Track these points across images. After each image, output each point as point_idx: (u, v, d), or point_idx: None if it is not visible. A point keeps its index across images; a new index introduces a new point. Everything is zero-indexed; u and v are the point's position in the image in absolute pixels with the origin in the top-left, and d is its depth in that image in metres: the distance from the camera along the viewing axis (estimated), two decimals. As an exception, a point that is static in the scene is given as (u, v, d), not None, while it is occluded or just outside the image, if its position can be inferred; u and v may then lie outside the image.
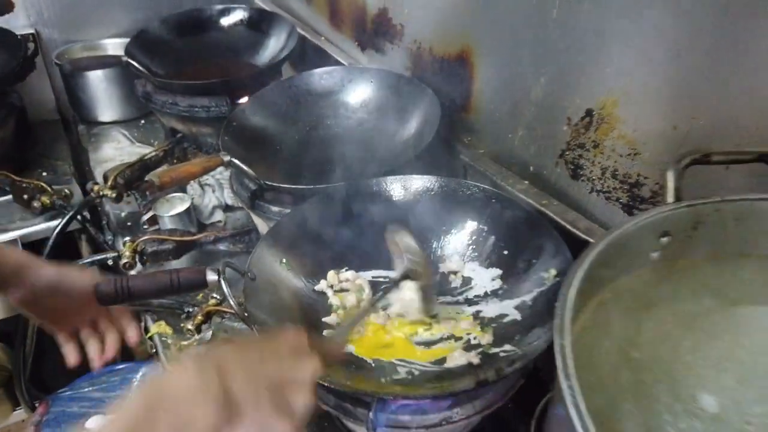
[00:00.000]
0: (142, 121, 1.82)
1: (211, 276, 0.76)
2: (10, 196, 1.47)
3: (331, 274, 0.96)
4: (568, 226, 0.93)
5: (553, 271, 0.84)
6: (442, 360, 0.82)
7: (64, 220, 1.31)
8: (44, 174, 1.62)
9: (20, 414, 1.71)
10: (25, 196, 1.43)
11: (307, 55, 1.68)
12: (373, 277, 0.98)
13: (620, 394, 0.45)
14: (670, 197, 0.54)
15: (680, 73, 0.77)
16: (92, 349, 0.92)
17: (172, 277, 0.76)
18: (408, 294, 0.86)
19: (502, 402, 0.79)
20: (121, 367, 1.59)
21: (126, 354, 1.80)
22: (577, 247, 0.89)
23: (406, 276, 0.83)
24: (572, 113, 0.94)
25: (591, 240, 0.88)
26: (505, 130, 1.10)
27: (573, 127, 0.95)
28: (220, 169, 1.31)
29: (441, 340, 0.86)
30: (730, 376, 0.46)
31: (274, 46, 1.64)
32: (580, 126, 0.93)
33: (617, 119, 0.87)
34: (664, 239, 0.53)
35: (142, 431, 0.47)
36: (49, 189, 1.44)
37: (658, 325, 0.51)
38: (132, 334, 0.94)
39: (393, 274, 0.89)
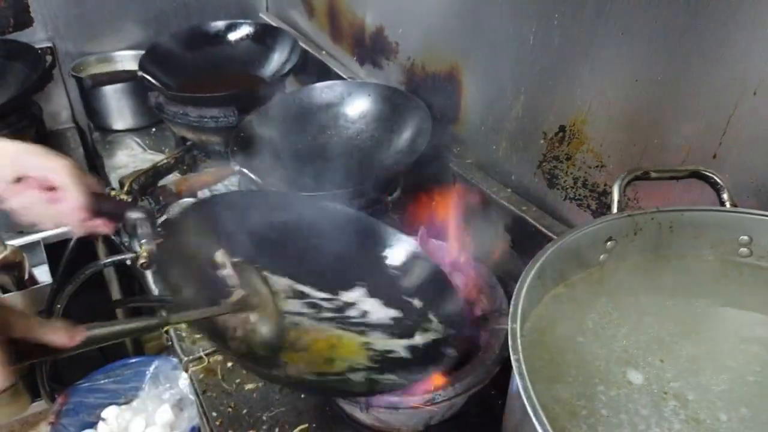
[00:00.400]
0: (153, 129, 1.93)
1: (135, 214, 0.86)
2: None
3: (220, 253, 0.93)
4: (545, 230, 1.03)
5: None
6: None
7: (85, 224, 1.41)
8: (62, 180, 1.72)
9: (39, 405, 1.81)
10: (47, 201, 1.53)
11: (309, 68, 1.79)
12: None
13: (564, 369, 0.55)
14: (614, 208, 0.65)
15: (637, 97, 0.87)
16: None
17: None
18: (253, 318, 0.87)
19: (480, 386, 0.89)
20: (134, 360, 1.70)
21: (139, 348, 1.91)
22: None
23: (242, 306, 0.84)
24: (548, 129, 1.05)
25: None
26: (490, 141, 1.21)
27: (548, 141, 1.06)
28: (229, 176, 1.42)
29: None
30: (655, 356, 0.57)
31: (278, 59, 1.74)
32: (554, 140, 1.04)
33: (586, 135, 0.98)
34: (609, 243, 0.64)
35: None
36: (69, 194, 1.54)
37: (601, 315, 0.61)
38: None
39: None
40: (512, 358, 0.47)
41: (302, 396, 1.05)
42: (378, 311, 0.97)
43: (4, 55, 1.72)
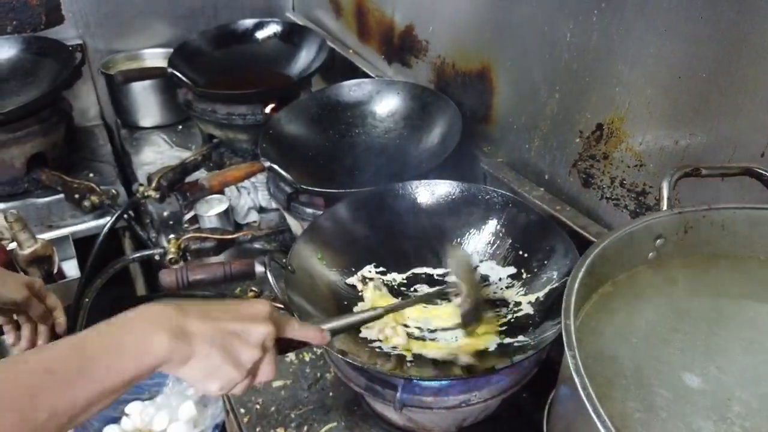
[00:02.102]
0: (180, 127, 1.94)
1: (259, 268, 0.86)
2: (62, 195, 1.59)
3: (367, 269, 1.05)
4: (580, 230, 1.01)
5: (563, 270, 0.92)
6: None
7: (114, 218, 1.42)
8: (90, 175, 1.74)
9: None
10: (76, 196, 1.55)
11: (336, 67, 1.79)
12: (413, 273, 1.06)
13: (617, 369, 0.54)
14: (664, 205, 0.63)
15: (680, 94, 0.85)
16: (24, 334, 1.03)
17: (226, 268, 0.86)
18: (446, 309, 0.94)
19: (517, 388, 0.88)
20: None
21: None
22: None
23: (442, 295, 0.92)
24: (584, 127, 1.03)
25: (599, 243, 0.97)
26: (522, 140, 1.19)
27: (584, 140, 1.04)
28: (256, 172, 1.42)
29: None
30: (712, 362, 0.55)
31: (305, 58, 1.74)
32: (591, 139, 1.02)
33: (625, 133, 0.96)
34: (659, 241, 0.62)
35: (93, 349, 0.54)
36: (98, 189, 1.55)
37: (653, 315, 0.59)
38: (60, 321, 1.05)
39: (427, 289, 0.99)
40: (567, 354, 0.46)
41: (330, 394, 1.05)
42: (496, 272, 1.01)
43: (35, 51, 1.74)
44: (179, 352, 0.57)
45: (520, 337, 0.90)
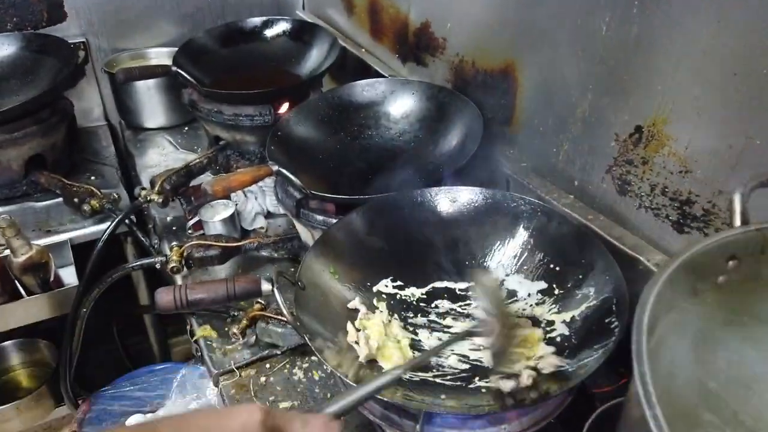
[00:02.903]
0: (186, 128, 1.87)
1: (266, 286, 0.78)
2: (61, 199, 1.52)
3: (383, 283, 0.97)
4: (615, 242, 0.93)
5: (601, 286, 0.84)
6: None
7: (114, 224, 1.35)
8: (92, 178, 1.67)
9: (62, 410, 1.76)
10: (76, 200, 1.48)
11: (347, 66, 1.71)
12: (433, 288, 0.99)
13: (695, 414, 0.45)
14: (737, 220, 0.54)
15: (735, 92, 0.77)
16: None
17: (228, 286, 0.79)
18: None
19: (550, 419, 0.80)
20: (161, 367, 1.63)
21: (165, 354, 1.84)
22: (624, 262, 0.89)
23: (471, 333, 0.81)
24: (620, 129, 0.95)
25: (639, 257, 0.88)
26: (549, 144, 1.11)
27: (621, 143, 0.95)
28: (264, 177, 1.34)
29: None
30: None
31: (316, 57, 1.67)
32: (628, 142, 0.94)
33: (668, 136, 0.87)
34: (732, 263, 0.53)
35: None
36: (98, 193, 1.48)
37: (726, 351, 0.51)
38: None
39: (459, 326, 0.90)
40: (647, 412, 0.38)
41: (342, 417, 0.96)
42: (524, 287, 0.94)
43: (36, 49, 1.68)
44: None
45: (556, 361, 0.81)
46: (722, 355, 0.53)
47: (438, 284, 0.98)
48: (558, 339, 0.85)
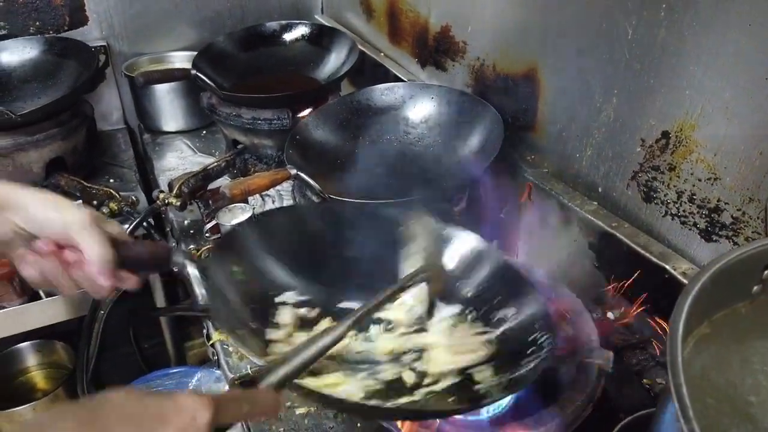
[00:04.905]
0: (204, 132, 1.88)
1: (177, 258, 0.76)
2: (80, 201, 1.53)
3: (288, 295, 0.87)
4: (640, 250, 0.91)
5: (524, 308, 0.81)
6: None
7: (131, 226, 1.35)
8: (111, 181, 1.68)
9: (78, 412, 1.76)
10: (95, 202, 1.49)
11: (365, 71, 1.71)
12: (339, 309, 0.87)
13: (728, 429, 0.43)
14: (771, 228, 0.52)
15: (767, 99, 0.74)
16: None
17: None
18: (410, 300, 0.82)
19: (570, 431, 0.78)
20: (176, 370, 1.63)
21: (181, 358, 1.84)
22: (649, 271, 0.87)
23: (420, 276, 0.78)
24: (646, 135, 0.93)
25: (665, 265, 0.86)
26: (572, 149, 1.09)
27: (647, 149, 0.93)
28: (282, 181, 1.33)
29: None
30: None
31: (335, 61, 1.66)
32: (655, 148, 0.91)
33: (696, 142, 0.85)
34: (767, 272, 0.51)
35: None
36: (117, 195, 1.49)
37: (762, 364, 0.49)
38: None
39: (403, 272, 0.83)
40: (671, 384, 0.36)
41: (359, 425, 0.95)
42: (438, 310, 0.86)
43: (58, 52, 1.69)
44: None
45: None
46: (758, 369, 0.51)
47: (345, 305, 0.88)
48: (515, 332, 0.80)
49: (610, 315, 0.96)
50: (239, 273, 0.83)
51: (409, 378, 0.78)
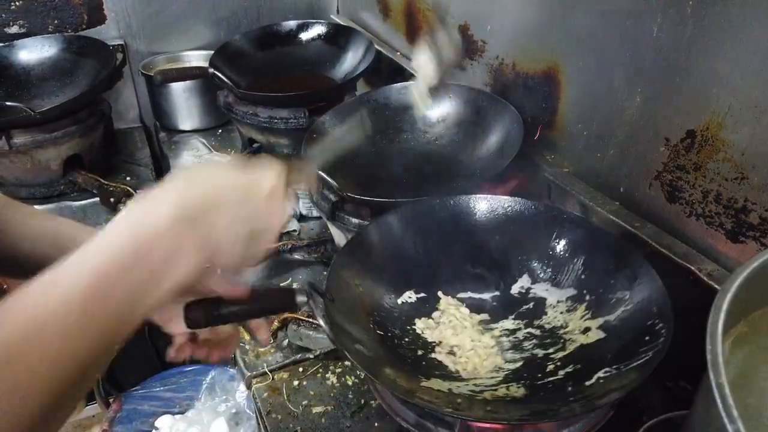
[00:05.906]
0: (220, 131, 1.88)
1: (301, 298, 0.76)
2: (97, 199, 1.54)
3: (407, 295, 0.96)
4: (664, 251, 0.89)
5: (640, 291, 0.80)
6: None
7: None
8: (127, 179, 1.68)
9: (91, 409, 1.77)
10: (112, 200, 1.49)
11: (382, 70, 1.70)
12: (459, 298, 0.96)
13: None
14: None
15: (800, 95, 0.73)
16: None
17: (262, 301, 0.76)
18: (422, 57, 1.01)
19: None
20: (190, 368, 1.63)
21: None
22: (673, 272, 0.86)
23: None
24: (671, 134, 0.91)
25: (690, 266, 0.85)
26: (593, 149, 1.08)
27: (671, 148, 0.92)
28: (298, 179, 1.33)
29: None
30: None
31: (351, 60, 1.66)
32: (680, 147, 0.90)
33: (722, 141, 0.84)
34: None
35: (128, 267, 0.49)
36: (134, 193, 1.50)
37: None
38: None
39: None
40: (713, 383, 0.35)
41: (376, 424, 0.95)
42: (552, 295, 0.92)
43: (76, 51, 1.70)
44: (205, 263, 0.55)
45: (600, 373, 0.78)
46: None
47: (462, 295, 0.96)
48: (596, 344, 0.81)
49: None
50: (359, 286, 0.90)
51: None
